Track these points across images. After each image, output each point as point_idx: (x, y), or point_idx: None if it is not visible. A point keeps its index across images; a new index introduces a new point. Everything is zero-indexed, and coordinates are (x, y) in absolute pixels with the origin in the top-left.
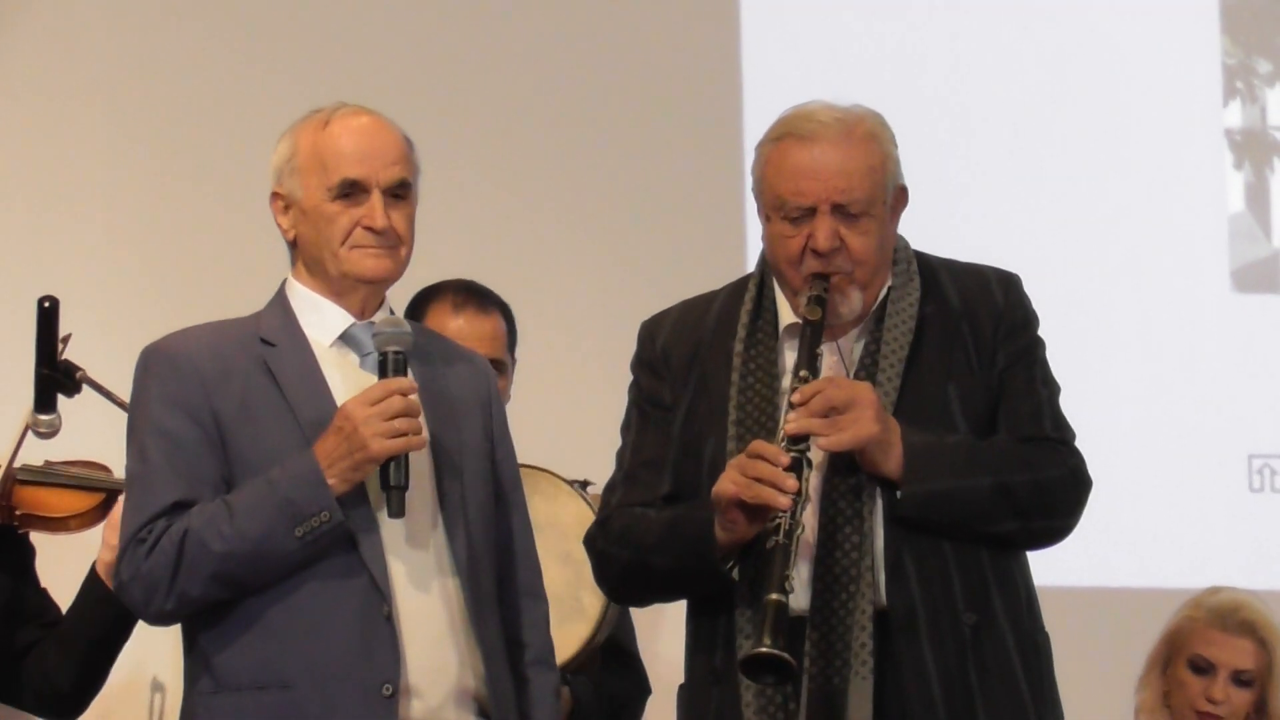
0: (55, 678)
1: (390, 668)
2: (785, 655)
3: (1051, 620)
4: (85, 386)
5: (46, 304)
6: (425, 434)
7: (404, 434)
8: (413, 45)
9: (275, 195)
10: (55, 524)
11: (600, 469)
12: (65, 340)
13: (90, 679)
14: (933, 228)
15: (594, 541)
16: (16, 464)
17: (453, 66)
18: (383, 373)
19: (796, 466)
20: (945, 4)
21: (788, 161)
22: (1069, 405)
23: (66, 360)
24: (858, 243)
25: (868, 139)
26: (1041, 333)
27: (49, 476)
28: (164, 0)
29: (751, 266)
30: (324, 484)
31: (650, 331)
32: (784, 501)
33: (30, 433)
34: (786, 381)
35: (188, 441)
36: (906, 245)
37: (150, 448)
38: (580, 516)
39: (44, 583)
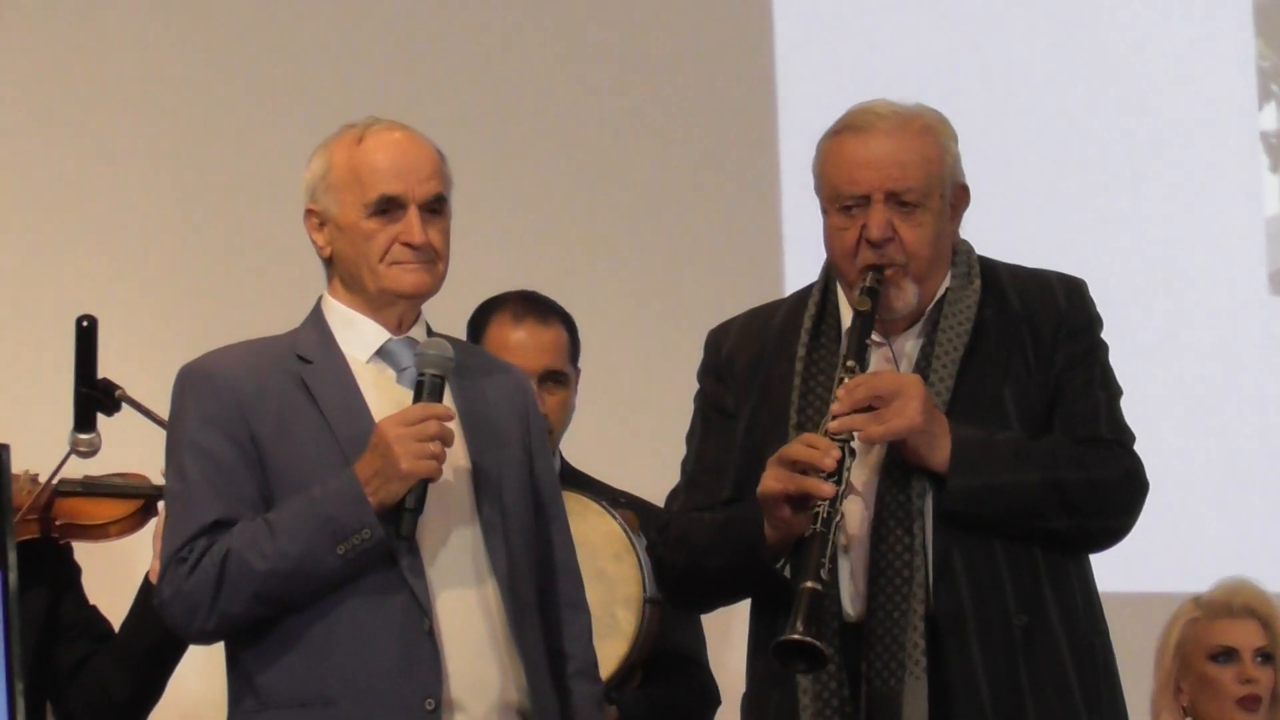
0: (112, 688)
1: (432, 682)
2: (816, 642)
3: None
4: (124, 405)
5: (85, 323)
6: (465, 461)
7: (435, 457)
8: (453, 59)
9: (309, 212)
10: (96, 531)
11: (658, 480)
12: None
13: (147, 689)
14: (965, 229)
15: (654, 547)
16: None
17: (497, 80)
18: (417, 396)
19: (839, 455)
20: (977, 7)
21: (843, 152)
22: None
23: (105, 379)
24: (912, 234)
25: (924, 131)
26: None
27: (87, 487)
28: (201, 21)
29: (786, 272)
30: (364, 501)
31: (716, 339)
32: (826, 489)
33: (71, 453)
34: None
35: (226, 460)
36: (970, 248)
37: (189, 467)
38: (610, 534)
39: (92, 600)
